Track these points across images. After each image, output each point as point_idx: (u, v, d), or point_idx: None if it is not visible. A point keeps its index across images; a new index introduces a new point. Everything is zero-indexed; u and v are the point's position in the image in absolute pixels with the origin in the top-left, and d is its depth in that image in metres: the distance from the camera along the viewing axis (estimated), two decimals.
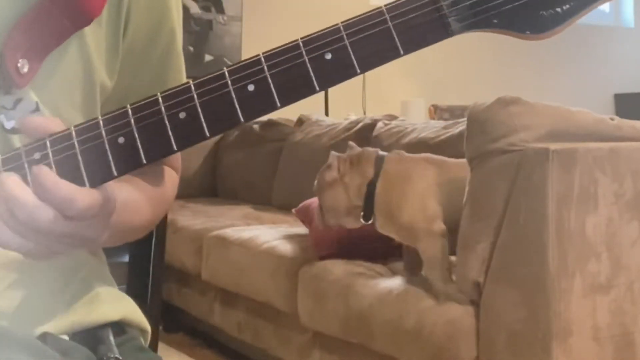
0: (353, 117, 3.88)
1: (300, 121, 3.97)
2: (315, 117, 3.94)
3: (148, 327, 0.98)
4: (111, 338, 0.90)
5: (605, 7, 6.34)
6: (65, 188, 0.69)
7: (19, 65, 0.79)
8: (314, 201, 2.72)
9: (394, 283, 2.20)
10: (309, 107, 4.20)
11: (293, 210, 2.80)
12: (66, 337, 0.86)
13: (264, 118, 4.08)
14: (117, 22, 0.91)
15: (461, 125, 2.71)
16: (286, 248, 2.67)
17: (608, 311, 1.89)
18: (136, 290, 1.07)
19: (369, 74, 0.75)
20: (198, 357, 3.17)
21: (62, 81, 0.86)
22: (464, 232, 2.00)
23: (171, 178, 1.00)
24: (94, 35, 0.88)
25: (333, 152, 2.31)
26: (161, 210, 0.97)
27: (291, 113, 4.05)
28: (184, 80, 0.96)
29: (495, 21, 0.71)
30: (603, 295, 1.89)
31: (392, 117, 3.45)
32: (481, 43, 5.75)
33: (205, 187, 4.22)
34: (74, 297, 0.89)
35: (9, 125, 0.81)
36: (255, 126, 4.12)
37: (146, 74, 0.96)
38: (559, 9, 0.70)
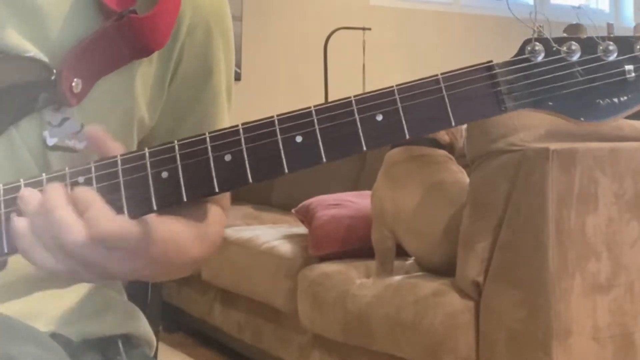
0: None
1: None
2: None
3: (154, 340, 0.99)
4: (120, 344, 0.91)
5: (605, 7, 6.34)
6: (100, 208, 0.68)
7: (73, 84, 0.80)
8: (313, 201, 2.73)
9: (392, 281, 2.20)
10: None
11: (293, 210, 2.80)
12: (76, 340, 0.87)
13: None
14: (167, 64, 0.90)
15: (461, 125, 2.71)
16: (286, 248, 2.67)
17: (608, 311, 1.89)
18: (136, 290, 1.06)
19: (369, 73, 0.75)
20: (198, 357, 3.17)
21: (101, 107, 0.85)
22: (465, 231, 2.00)
23: (219, 217, 0.98)
24: (143, 70, 0.88)
25: None
26: (207, 249, 0.94)
27: None
28: (225, 122, 0.95)
29: (550, 104, 0.70)
30: (603, 295, 1.89)
31: None
32: (482, 43, 5.75)
33: None
34: (86, 306, 0.90)
35: (51, 142, 0.81)
36: None
37: (194, 117, 0.94)
38: (616, 100, 0.70)
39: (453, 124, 0.70)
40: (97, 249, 0.68)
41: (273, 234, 2.86)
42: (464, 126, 2.13)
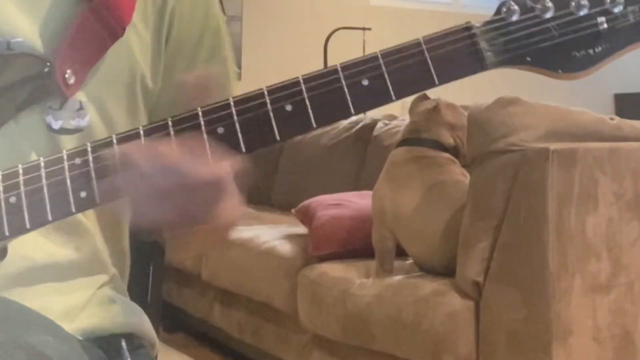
0: (353, 117, 3.88)
1: None
2: None
3: (156, 341, 0.99)
4: (123, 344, 0.91)
5: None
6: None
7: (66, 76, 0.81)
8: (313, 201, 2.73)
9: (392, 280, 2.20)
10: None
11: (293, 210, 2.80)
12: (80, 338, 0.87)
13: None
14: (161, 23, 0.92)
15: None
16: (286, 248, 2.67)
17: (608, 311, 1.89)
18: (136, 289, 1.06)
19: None
20: (198, 357, 3.17)
21: (106, 78, 0.87)
22: (465, 231, 2.00)
23: None
24: (139, 34, 0.90)
25: None
26: None
27: None
28: (231, 86, 0.98)
29: (528, 59, 0.74)
30: (603, 295, 1.89)
31: (392, 117, 3.45)
32: None
33: None
34: (90, 304, 0.90)
35: (56, 125, 0.83)
36: None
37: None
38: (591, 51, 0.73)
39: (437, 82, 0.73)
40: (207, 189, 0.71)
41: (273, 234, 2.86)
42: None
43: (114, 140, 0.72)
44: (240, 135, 0.73)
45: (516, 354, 1.88)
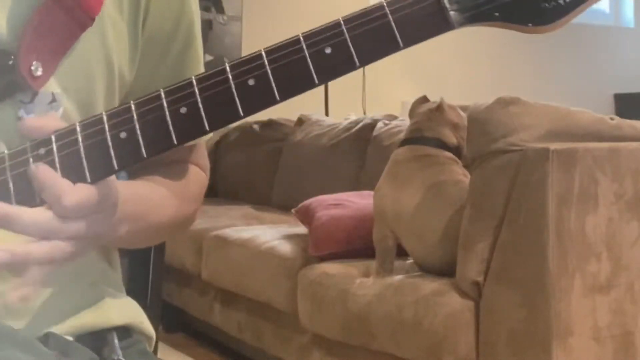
0: (353, 117, 3.88)
1: (300, 121, 3.97)
2: (315, 117, 3.94)
3: (153, 333, 0.98)
4: (116, 341, 0.90)
5: (605, 7, 6.34)
6: (57, 185, 0.70)
7: (32, 68, 0.80)
8: (313, 201, 2.73)
9: (392, 280, 2.20)
10: (309, 107, 4.19)
11: (293, 210, 2.80)
12: (71, 338, 0.86)
13: (264, 118, 4.08)
14: (137, 13, 0.92)
15: None
16: (286, 248, 2.67)
17: (608, 311, 1.89)
18: (136, 290, 1.07)
19: (369, 73, 0.76)
20: (198, 357, 3.17)
21: (82, 69, 0.86)
22: (465, 231, 2.00)
23: (197, 176, 1.00)
24: (115, 24, 0.89)
25: None
26: (187, 207, 0.96)
27: (291, 113, 4.05)
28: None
29: (496, 14, 0.71)
30: (603, 295, 1.89)
31: (392, 117, 3.46)
32: (481, 43, 5.75)
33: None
34: (82, 300, 0.89)
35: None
36: (255, 126, 4.12)
37: (165, 68, 0.96)
38: (561, 1, 0.71)
39: (401, 45, 0.71)
40: (64, 223, 0.70)
41: (273, 234, 2.86)
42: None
43: (78, 128, 0.72)
44: (203, 114, 0.71)
45: (516, 354, 1.88)
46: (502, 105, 1.96)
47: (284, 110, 4.05)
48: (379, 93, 5.19)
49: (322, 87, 4.66)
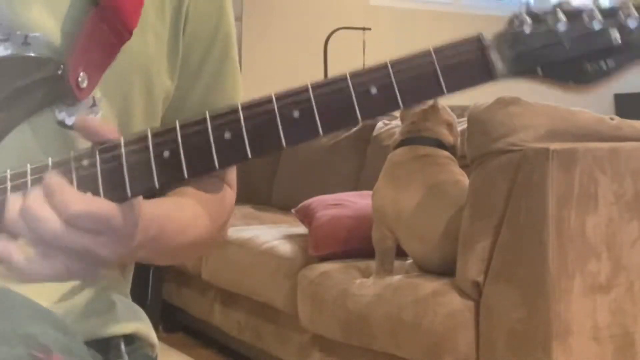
0: None
1: None
2: None
3: (156, 341, 0.99)
4: (122, 346, 0.91)
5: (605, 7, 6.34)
6: (67, 192, 0.70)
7: (79, 79, 0.82)
8: (313, 201, 2.73)
9: (392, 280, 2.20)
10: None
11: (293, 210, 2.80)
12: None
13: None
14: (178, 18, 0.94)
15: (461, 126, 2.71)
16: (286, 248, 2.67)
17: (608, 311, 1.89)
18: (136, 289, 1.06)
19: None
20: (198, 357, 3.17)
21: (121, 76, 0.88)
22: (465, 231, 2.00)
23: (229, 195, 1.01)
24: (156, 32, 0.91)
25: None
26: (217, 227, 0.96)
27: None
28: (239, 86, 1.00)
29: (539, 71, 0.73)
30: (603, 295, 1.89)
31: (392, 117, 3.45)
32: None
33: None
34: (90, 306, 0.90)
35: (69, 121, 0.84)
36: None
37: (206, 75, 0.98)
38: (603, 64, 0.73)
39: (445, 92, 0.73)
40: (80, 234, 0.70)
41: (273, 234, 2.86)
42: (464, 126, 2.13)
43: (122, 143, 0.73)
44: (247, 141, 0.72)
45: (516, 354, 1.88)
46: (502, 105, 1.96)
47: None
48: None
49: None
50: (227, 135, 0.72)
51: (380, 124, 3.37)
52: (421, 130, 2.32)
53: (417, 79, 0.73)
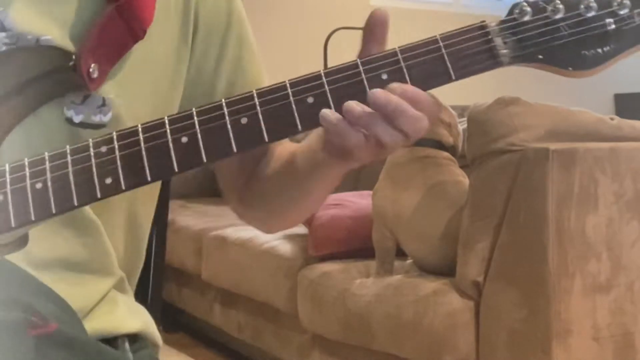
0: None
1: None
2: None
3: (160, 341, 1.00)
4: (127, 345, 0.92)
5: None
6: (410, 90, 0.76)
7: (90, 70, 0.83)
8: None
9: (392, 280, 2.20)
10: None
11: None
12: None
13: None
14: (186, 20, 0.96)
15: (461, 126, 2.72)
16: (286, 248, 2.67)
17: (608, 311, 1.89)
18: (137, 289, 1.07)
19: None
20: (198, 357, 3.17)
21: (132, 77, 0.89)
22: (465, 231, 2.00)
23: None
24: (164, 34, 0.93)
25: None
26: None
27: None
28: (262, 69, 1.05)
29: (540, 57, 0.77)
30: (603, 295, 1.89)
31: None
32: None
33: (205, 187, 4.23)
34: (96, 304, 0.90)
35: (77, 119, 0.85)
36: None
37: (227, 63, 1.00)
38: (600, 50, 0.77)
39: (453, 78, 0.77)
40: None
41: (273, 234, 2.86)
42: (464, 126, 2.13)
43: (140, 129, 0.75)
44: (263, 126, 0.75)
45: (516, 354, 1.88)
46: (502, 105, 1.96)
47: None
48: None
49: None
50: (244, 120, 0.75)
51: None
52: None
53: (426, 66, 0.76)
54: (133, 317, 0.94)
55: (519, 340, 1.87)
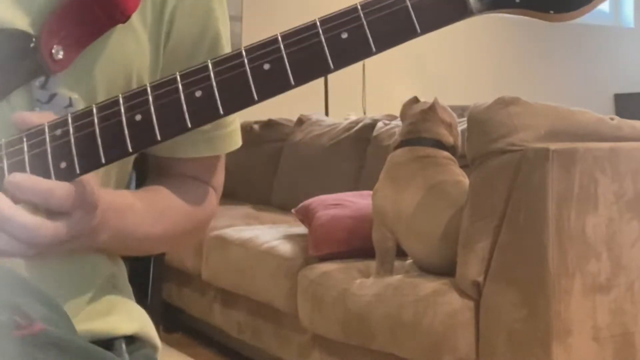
0: (353, 117, 3.88)
1: (300, 121, 3.97)
2: (315, 117, 3.94)
3: (159, 343, 0.99)
4: (123, 346, 0.91)
5: (605, 7, 6.35)
6: (44, 182, 0.71)
7: (53, 51, 0.81)
8: (313, 201, 2.73)
9: (392, 280, 2.20)
10: (309, 107, 4.19)
11: (293, 210, 2.80)
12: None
13: (264, 118, 4.08)
14: (159, 25, 0.92)
15: (461, 126, 2.72)
16: (286, 248, 2.67)
17: (608, 311, 1.89)
18: (136, 290, 1.06)
19: (369, 73, 0.77)
20: (198, 357, 3.17)
21: (100, 78, 0.87)
22: (465, 231, 2.00)
23: (209, 196, 1.00)
24: (137, 36, 0.89)
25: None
26: (192, 222, 0.97)
27: (291, 113, 4.05)
28: None
29: (517, 1, 0.70)
30: (603, 295, 1.89)
31: (392, 117, 3.45)
32: (481, 43, 5.75)
33: None
34: (91, 305, 0.90)
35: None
36: (255, 126, 4.12)
37: None
38: None
39: (419, 31, 0.70)
40: (56, 220, 0.72)
41: (273, 234, 2.86)
42: (464, 126, 2.13)
43: (94, 111, 0.72)
44: (218, 98, 0.71)
45: (516, 354, 1.88)
46: (502, 105, 1.96)
47: (284, 110, 4.04)
48: (379, 93, 5.19)
49: (322, 87, 4.66)
50: (198, 93, 0.71)
51: (380, 124, 3.37)
52: (421, 131, 2.32)
53: (389, 20, 0.70)
54: (130, 319, 0.93)
55: (518, 340, 1.87)
